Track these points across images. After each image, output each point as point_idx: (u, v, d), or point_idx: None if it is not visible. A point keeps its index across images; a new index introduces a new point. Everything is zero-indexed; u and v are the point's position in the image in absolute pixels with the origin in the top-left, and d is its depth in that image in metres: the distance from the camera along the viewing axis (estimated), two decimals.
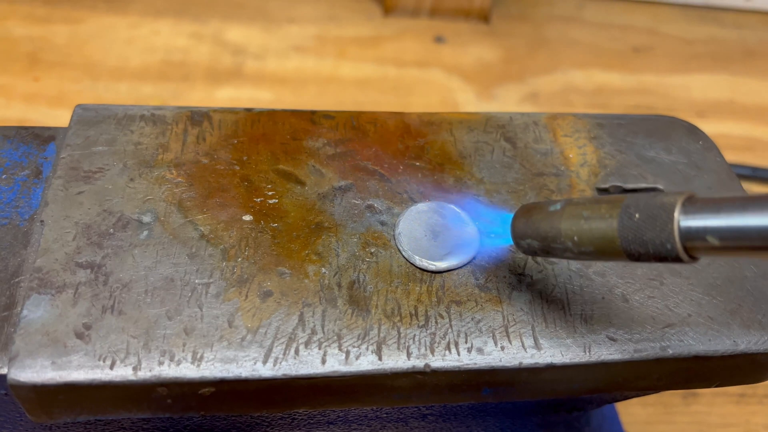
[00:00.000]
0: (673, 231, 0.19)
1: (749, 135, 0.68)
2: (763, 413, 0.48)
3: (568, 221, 0.22)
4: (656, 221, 0.20)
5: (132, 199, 0.27)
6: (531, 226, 0.23)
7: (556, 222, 0.22)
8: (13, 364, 0.22)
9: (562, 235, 0.22)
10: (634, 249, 0.20)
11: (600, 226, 0.21)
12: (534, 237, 0.23)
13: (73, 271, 0.24)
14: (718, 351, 0.25)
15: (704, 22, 0.80)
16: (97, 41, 0.66)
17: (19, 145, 0.29)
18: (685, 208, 0.19)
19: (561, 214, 0.22)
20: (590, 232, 0.21)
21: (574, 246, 0.22)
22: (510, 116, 0.33)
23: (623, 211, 0.21)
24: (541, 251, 0.23)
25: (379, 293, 0.25)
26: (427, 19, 0.74)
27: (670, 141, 0.33)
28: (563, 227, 0.22)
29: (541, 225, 0.23)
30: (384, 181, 0.29)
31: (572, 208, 0.22)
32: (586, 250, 0.22)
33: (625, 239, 0.21)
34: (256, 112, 0.31)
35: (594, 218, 0.21)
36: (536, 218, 0.23)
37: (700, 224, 0.19)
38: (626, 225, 0.20)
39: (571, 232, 0.22)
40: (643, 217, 0.20)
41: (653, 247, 0.20)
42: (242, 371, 0.23)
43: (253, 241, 0.26)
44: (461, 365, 0.24)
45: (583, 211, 0.22)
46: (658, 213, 0.20)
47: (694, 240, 0.19)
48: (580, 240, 0.22)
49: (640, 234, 0.20)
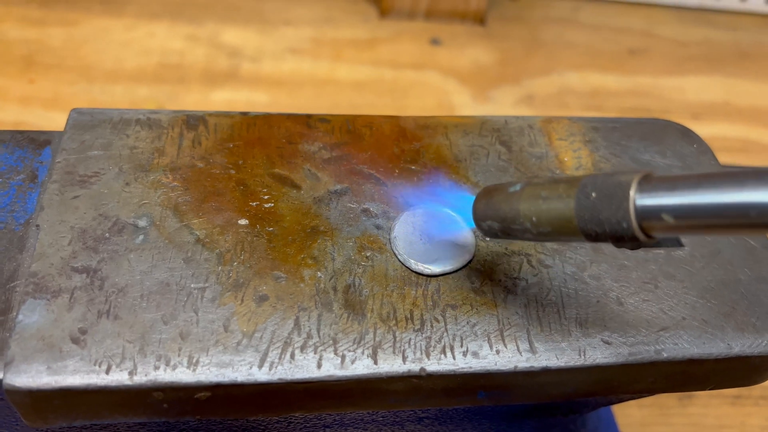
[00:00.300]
0: (628, 209, 0.19)
1: (744, 137, 0.68)
2: (759, 415, 0.48)
3: (526, 202, 0.22)
4: (612, 200, 0.19)
5: (127, 203, 0.27)
6: (491, 208, 0.23)
7: (515, 203, 0.22)
8: (9, 369, 0.22)
9: (520, 215, 0.22)
10: (590, 228, 0.20)
11: (557, 206, 0.21)
12: (494, 218, 0.23)
13: (68, 275, 0.24)
14: (713, 354, 0.25)
15: (699, 24, 0.80)
16: (93, 43, 0.66)
17: (14, 149, 0.29)
18: (641, 187, 0.19)
19: (520, 195, 0.22)
20: (548, 213, 0.21)
21: (532, 227, 0.22)
22: (505, 120, 0.33)
23: (580, 191, 0.21)
24: (501, 233, 0.23)
25: (375, 297, 0.25)
26: (423, 22, 0.74)
27: (664, 144, 0.33)
28: (522, 208, 0.22)
29: (501, 206, 0.23)
30: (380, 185, 0.29)
31: (531, 189, 0.22)
32: (544, 230, 0.22)
33: (581, 219, 0.20)
34: (251, 116, 0.31)
35: (552, 198, 0.21)
36: (496, 199, 0.23)
37: (655, 202, 0.19)
38: (583, 204, 0.20)
39: (529, 213, 0.22)
40: (599, 196, 0.20)
41: (609, 226, 0.20)
42: (238, 376, 0.23)
43: (248, 245, 0.26)
44: (457, 369, 0.24)
45: (541, 192, 0.22)
46: (614, 191, 0.19)
47: (650, 219, 0.19)
48: (539, 221, 0.22)
49: (597, 213, 0.20)
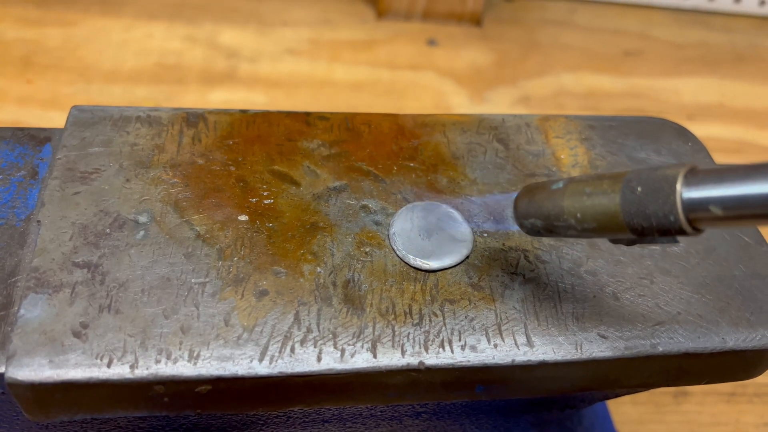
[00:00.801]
0: (676, 203, 0.19)
1: (739, 138, 0.68)
2: (753, 412, 0.49)
3: (570, 198, 0.22)
4: (659, 194, 0.20)
5: (128, 199, 0.27)
6: (534, 206, 0.23)
7: (559, 200, 0.22)
8: (11, 362, 0.22)
9: (564, 212, 0.22)
10: (637, 222, 0.20)
11: (602, 202, 0.21)
12: (537, 216, 0.23)
13: (69, 270, 0.24)
14: (707, 348, 0.26)
15: (694, 27, 0.81)
16: (91, 44, 0.66)
17: (15, 146, 0.29)
18: (687, 180, 0.19)
19: (563, 192, 0.22)
20: (593, 208, 0.21)
21: (577, 223, 0.22)
22: (503, 118, 0.33)
23: (625, 185, 0.21)
24: (545, 230, 0.23)
25: (374, 292, 0.26)
26: (420, 23, 0.75)
27: (660, 143, 0.33)
28: (566, 204, 0.22)
29: (544, 204, 0.23)
30: (378, 181, 0.29)
31: (574, 185, 0.22)
32: (589, 226, 0.22)
33: (627, 213, 0.20)
34: (251, 114, 0.31)
35: (596, 194, 0.21)
36: (539, 197, 0.23)
37: (702, 195, 0.19)
38: (629, 199, 0.20)
39: (573, 209, 0.22)
40: (645, 191, 0.20)
41: (656, 219, 0.20)
42: (238, 369, 0.23)
43: (248, 240, 0.26)
44: (455, 363, 0.24)
45: (585, 188, 0.22)
46: (661, 185, 0.20)
47: (697, 211, 0.19)
48: (583, 216, 0.22)
49: (643, 207, 0.20)
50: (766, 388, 0.50)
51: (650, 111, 0.69)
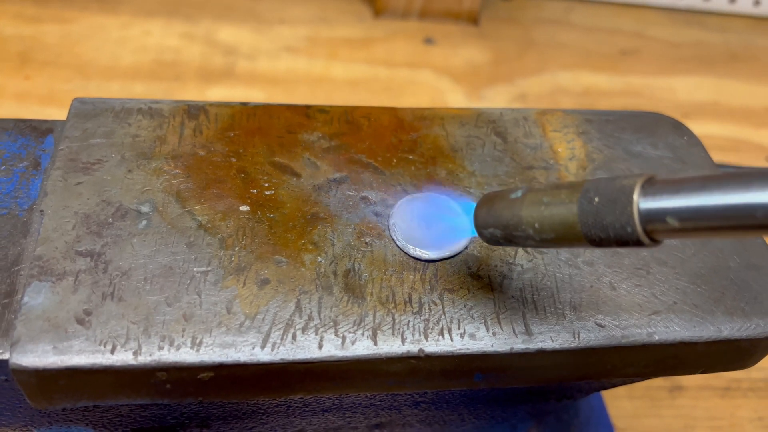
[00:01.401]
0: (632, 214, 0.19)
1: (734, 136, 0.69)
2: (748, 406, 0.49)
3: (528, 208, 0.22)
4: (616, 204, 0.19)
5: (130, 189, 0.27)
6: (493, 215, 0.23)
7: (517, 209, 0.22)
8: (15, 348, 0.22)
9: (523, 222, 0.22)
10: (594, 234, 0.20)
11: (560, 212, 0.21)
12: (496, 226, 0.23)
13: (73, 259, 0.25)
14: (703, 337, 0.26)
15: (690, 26, 0.81)
16: (89, 41, 0.66)
17: (17, 137, 0.29)
18: (645, 190, 0.19)
19: (522, 202, 0.22)
20: (551, 218, 0.21)
21: (535, 233, 0.22)
22: (501, 112, 0.33)
23: (583, 196, 0.20)
24: (504, 240, 0.23)
25: (374, 281, 0.26)
26: (417, 21, 0.75)
27: (656, 137, 0.34)
28: (524, 214, 0.22)
29: (503, 213, 0.22)
30: (378, 173, 0.30)
31: (533, 195, 0.22)
32: (548, 237, 0.21)
33: (585, 224, 0.20)
34: (251, 106, 0.31)
35: (554, 204, 0.21)
36: (498, 207, 0.23)
37: (659, 206, 0.18)
38: (586, 210, 0.20)
39: (532, 219, 0.21)
40: (602, 201, 0.20)
41: (614, 231, 0.19)
42: (241, 356, 0.23)
43: (250, 230, 0.26)
44: (454, 350, 0.24)
45: (543, 197, 0.21)
46: (618, 196, 0.19)
47: (654, 222, 0.19)
48: (541, 227, 0.21)
49: (600, 218, 0.20)
50: (761, 382, 0.50)
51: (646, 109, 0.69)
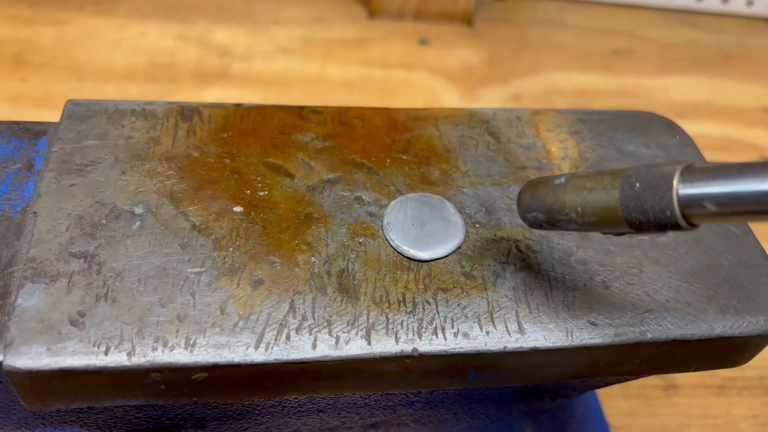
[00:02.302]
0: (672, 199, 0.20)
1: (727, 135, 0.69)
2: (742, 405, 0.49)
3: (572, 193, 0.23)
4: (656, 190, 0.20)
5: (124, 191, 0.27)
6: (537, 200, 0.24)
7: (561, 194, 0.23)
8: (9, 350, 0.22)
9: (566, 206, 0.23)
10: (635, 217, 0.21)
11: (602, 197, 0.22)
12: (540, 210, 0.24)
13: (66, 260, 0.25)
14: (695, 335, 0.26)
15: (683, 26, 0.82)
16: (84, 43, 0.66)
17: (10, 139, 0.29)
18: (684, 177, 0.20)
19: (565, 187, 0.23)
20: (593, 203, 0.22)
21: (578, 217, 0.23)
22: (494, 112, 0.34)
23: (624, 182, 0.22)
24: (547, 223, 0.24)
25: (368, 281, 0.26)
26: (412, 22, 0.75)
27: (648, 136, 0.34)
28: (567, 199, 0.23)
29: (547, 198, 0.24)
30: (372, 173, 0.30)
31: (576, 181, 0.23)
32: (590, 220, 0.23)
33: (626, 208, 0.21)
34: (245, 107, 0.31)
35: (597, 189, 0.22)
36: (542, 192, 0.24)
37: (697, 191, 0.20)
38: (627, 194, 0.21)
39: (575, 204, 0.23)
40: (643, 187, 0.21)
41: (653, 214, 0.21)
42: (234, 356, 0.23)
43: (243, 231, 0.27)
44: (448, 349, 0.25)
45: (586, 183, 0.23)
46: (658, 182, 0.20)
47: (692, 207, 0.20)
48: (584, 211, 0.23)
49: (641, 203, 0.21)
50: (755, 381, 0.51)
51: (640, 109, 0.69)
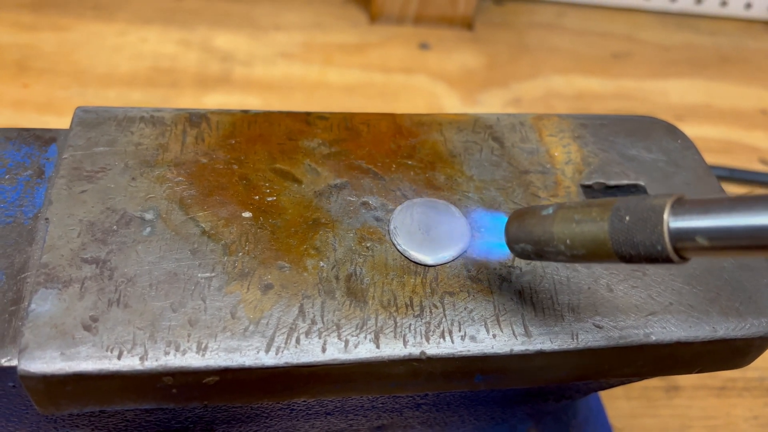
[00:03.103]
0: (663, 232, 0.19)
1: (726, 138, 0.70)
2: (743, 406, 0.50)
3: (560, 225, 0.22)
4: (647, 223, 0.20)
5: (134, 197, 0.27)
6: (524, 231, 0.24)
7: (549, 226, 0.23)
8: (23, 355, 0.22)
9: (554, 238, 0.22)
10: (625, 251, 0.21)
11: (591, 229, 0.21)
12: (527, 241, 0.24)
13: (78, 266, 0.25)
14: (699, 337, 0.27)
15: (681, 29, 0.82)
16: (85, 48, 0.67)
17: (21, 146, 0.29)
18: (675, 210, 0.20)
19: (553, 218, 0.23)
20: (582, 235, 0.22)
21: (566, 249, 0.22)
22: (497, 117, 0.34)
23: (614, 214, 0.21)
24: (535, 255, 0.24)
25: (376, 285, 0.26)
26: (412, 27, 0.76)
27: (650, 140, 0.34)
28: (555, 231, 0.22)
29: (534, 229, 0.23)
30: (378, 179, 0.30)
31: (564, 212, 0.22)
32: (578, 253, 0.22)
33: (616, 242, 0.21)
34: (252, 114, 0.32)
35: (585, 221, 0.22)
36: (529, 222, 0.24)
37: (689, 225, 0.19)
38: (617, 228, 0.21)
39: (563, 236, 0.22)
40: (633, 220, 0.20)
41: (644, 248, 0.20)
42: (246, 360, 0.23)
43: (252, 236, 0.27)
44: (455, 352, 0.25)
45: (574, 215, 0.22)
46: (648, 215, 0.20)
47: (683, 241, 0.19)
48: (573, 243, 0.22)
49: (631, 236, 0.20)
50: (756, 382, 0.51)
51: (639, 112, 0.70)
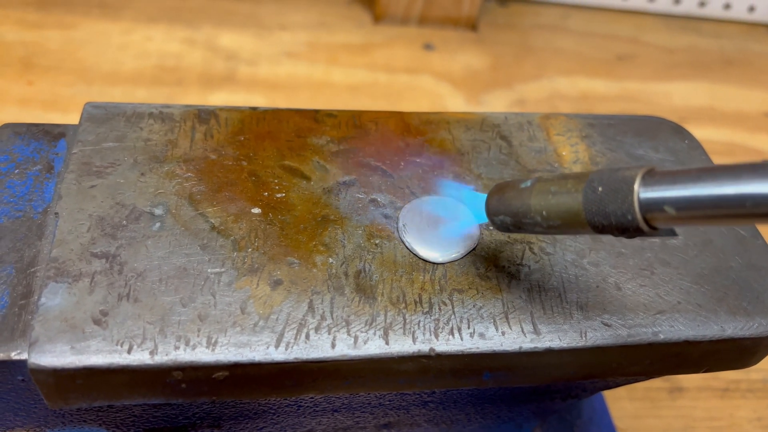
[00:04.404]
0: (633, 202, 0.20)
1: (729, 140, 0.70)
2: (747, 407, 0.50)
3: (537, 197, 0.23)
4: (618, 194, 0.21)
5: (144, 192, 0.27)
6: (503, 203, 0.25)
7: (526, 198, 0.23)
8: (34, 349, 0.22)
9: (531, 210, 0.23)
10: (597, 221, 0.21)
11: (566, 201, 0.22)
12: (506, 213, 0.24)
13: (88, 260, 0.25)
14: (707, 336, 0.27)
15: (685, 32, 0.82)
16: (91, 46, 0.67)
17: (30, 141, 0.30)
18: (645, 181, 0.20)
19: (531, 191, 0.23)
20: (557, 207, 0.23)
21: (543, 220, 0.23)
22: (505, 116, 0.34)
23: (587, 185, 0.22)
24: (513, 227, 0.24)
25: (385, 282, 0.26)
26: (416, 27, 0.76)
27: (657, 140, 0.34)
28: (533, 203, 0.23)
29: (513, 202, 0.24)
30: (386, 176, 0.30)
31: (541, 185, 0.23)
32: (554, 223, 0.23)
33: (589, 212, 0.22)
34: (261, 111, 0.32)
35: (561, 193, 0.22)
36: (508, 195, 0.24)
37: (658, 195, 0.20)
38: (590, 198, 0.21)
39: (540, 207, 0.23)
40: (605, 191, 0.21)
41: (615, 218, 0.21)
42: (255, 355, 0.24)
43: (262, 232, 0.27)
44: (464, 349, 0.25)
45: (551, 187, 0.23)
46: (620, 186, 0.21)
47: (652, 211, 0.20)
48: (548, 214, 0.23)
49: (603, 206, 0.21)
50: (759, 383, 0.51)
51: (642, 114, 0.70)
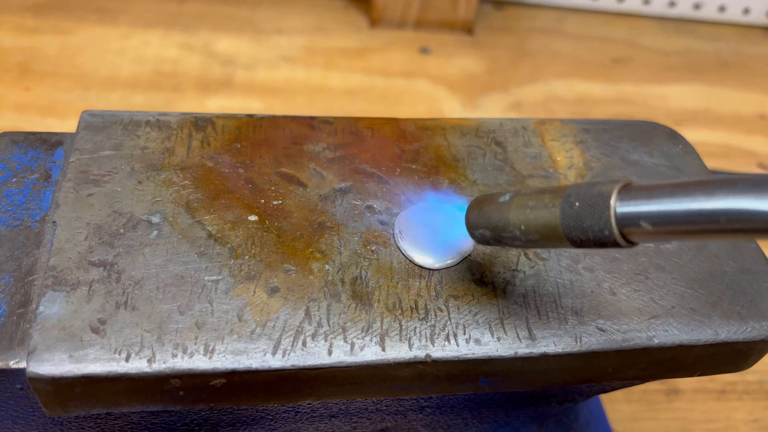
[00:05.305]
0: (609, 218, 0.20)
1: (725, 143, 0.70)
2: (743, 409, 0.50)
3: (515, 211, 0.23)
4: (595, 209, 0.21)
5: (141, 200, 0.28)
6: (483, 217, 0.25)
7: (505, 212, 0.24)
8: (32, 357, 0.23)
9: (510, 224, 0.23)
10: (575, 236, 0.22)
11: (544, 215, 0.22)
12: (486, 227, 0.25)
13: (86, 269, 0.25)
14: (701, 340, 0.27)
15: (680, 35, 0.83)
16: (88, 52, 0.67)
17: (27, 149, 0.30)
18: (621, 196, 0.20)
19: (509, 205, 0.24)
20: (535, 221, 0.23)
21: (521, 234, 0.23)
22: (500, 122, 0.34)
23: (564, 200, 0.22)
24: (493, 240, 0.25)
25: (381, 288, 0.26)
26: (413, 31, 0.76)
27: (652, 145, 0.34)
28: (511, 217, 0.23)
29: (492, 215, 0.24)
30: (382, 183, 0.30)
31: (519, 199, 0.23)
32: (533, 238, 0.23)
33: (566, 227, 0.22)
34: (257, 118, 0.32)
35: (538, 208, 0.23)
36: (487, 209, 0.25)
37: (634, 210, 0.20)
38: (567, 213, 0.22)
39: (518, 222, 0.23)
40: (582, 206, 0.21)
41: (593, 233, 0.21)
42: (252, 362, 0.24)
43: (258, 240, 0.27)
44: (460, 355, 0.25)
45: (528, 201, 0.23)
46: (596, 201, 0.21)
47: (629, 226, 0.20)
48: (527, 229, 0.23)
49: (580, 221, 0.21)
50: (755, 385, 0.51)
51: (639, 117, 0.70)
